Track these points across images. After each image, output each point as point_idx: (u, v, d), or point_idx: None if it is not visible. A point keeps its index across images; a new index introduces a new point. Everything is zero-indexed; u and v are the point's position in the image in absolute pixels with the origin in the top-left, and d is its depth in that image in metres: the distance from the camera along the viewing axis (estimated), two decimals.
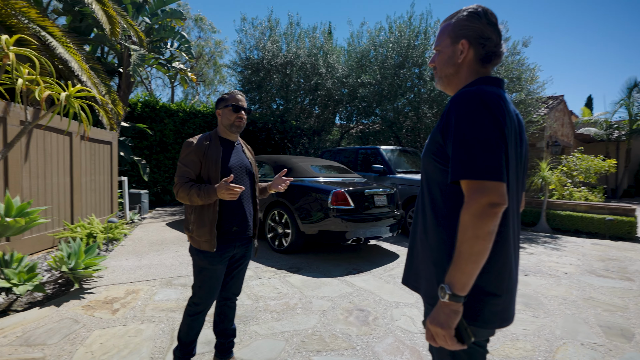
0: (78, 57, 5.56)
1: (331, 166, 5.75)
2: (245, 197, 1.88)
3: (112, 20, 5.52)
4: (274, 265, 4.20)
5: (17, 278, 2.91)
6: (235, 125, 1.85)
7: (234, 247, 1.84)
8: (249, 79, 10.83)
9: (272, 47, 10.34)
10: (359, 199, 4.49)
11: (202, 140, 1.80)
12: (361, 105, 10.45)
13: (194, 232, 1.75)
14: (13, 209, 3.15)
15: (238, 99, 1.86)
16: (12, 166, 4.05)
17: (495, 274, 0.94)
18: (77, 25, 7.34)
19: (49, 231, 4.66)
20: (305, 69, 10.45)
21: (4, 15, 4.59)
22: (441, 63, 1.11)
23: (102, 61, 8.23)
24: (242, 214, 1.85)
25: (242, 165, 1.89)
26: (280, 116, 11.04)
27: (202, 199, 1.65)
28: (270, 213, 4.98)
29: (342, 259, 4.60)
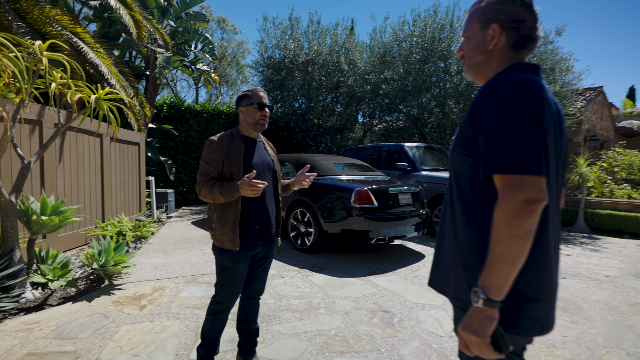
0: (107, 62, 5.78)
1: (354, 164, 5.69)
2: (268, 195, 1.87)
3: (138, 24, 5.71)
4: (296, 265, 4.20)
5: (52, 274, 3.05)
6: (260, 124, 1.84)
7: (256, 246, 1.84)
8: (271, 78, 10.92)
9: (294, 45, 10.37)
10: (382, 197, 4.42)
11: (224, 138, 1.80)
12: (384, 102, 10.30)
13: (216, 231, 1.76)
14: (48, 207, 3.31)
15: (261, 97, 1.85)
16: (48, 167, 4.26)
17: (534, 276, 0.87)
18: (107, 31, 7.65)
19: (82, 229, 4.88)
20: (326, 66, 10.41)
21: (39, 23, 4.84)
22: (470, 50, 1.04)
23: (130, 65, 8.55)
24: (265, 212, 1.84)
25: (265, 163, 1.88)
26: (302, 115, 11.07)
27: (225, 196, 1.66)
28: (292, 212, 4.99)
29: (366, 258, 4.53)
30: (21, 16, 4.79)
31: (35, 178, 4.10)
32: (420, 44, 9.13)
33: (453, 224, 1.00)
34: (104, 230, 4.94)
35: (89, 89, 3.37)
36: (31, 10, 4.88)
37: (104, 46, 6.16)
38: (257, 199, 1.81)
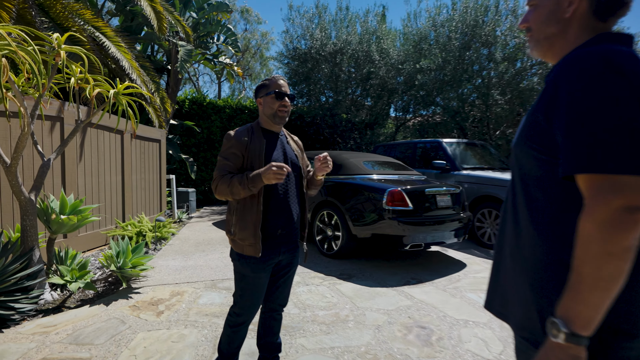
0: (128, 56, 5.96)
1: (386, 162, 5.53)
2: (292, 195, 1.78)
3: (159, 15, 5.84)
4: (322, 271, 4.11)
5: (70, 275, 3.14)
6: (279, 116, 1.76)
7: (279, 252, 1.76)
8: (297, 70, 10.92)
9: (321, 35, 10.30)
10: (418, 199, 4.24)
11: (244, 133, 1.74)
12: (419, 94, 10.02)
13: (236, 235, 1.70)
14: (67, 206, 3.41)
15: (280, 85, 1.77)
16: (69, 165, 4.43)
17: (632, 305, 0.72)
18: (129, 24, 7.91)
19: (102, 229, 5.05)
20: (356, 56, 10.26)
21: (62, 18, 5.04)
22: (539, 21, 0.91)
23: (152, 59, 8.80)
24: (289, 215, 1.76)
25: (287, 158, 1.81)
26: (329, 109, 10.99)
27: (245, 187, 1.58)
28: (319, 213, 4.91)
29: (399, 266, 4.37)
30: (44, 11, 5.02)
31: (56, 176, 4.26)
32: (460, 29, 8.78)
33: (516, 233, 0.86)
34: (124, 230, 5.08)
35: (108, 83, 3.43)
36: (54, 5, 5.10)
37: (126, 40, 6.36)
38: (280, 200, 1.73)
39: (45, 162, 3.16)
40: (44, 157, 3.20)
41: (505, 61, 8.22)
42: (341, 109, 10.83)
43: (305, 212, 1.87)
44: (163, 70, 8.84)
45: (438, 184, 4.61)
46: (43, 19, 4.85)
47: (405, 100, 10.92)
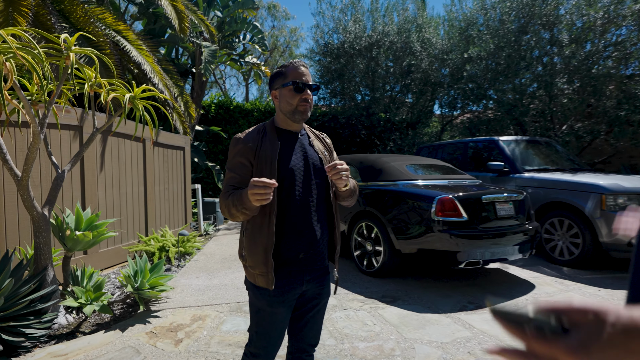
0: (150, 59, 6.07)
1: (433, 165, 5.19)
2: (315, 208, 1.54)
3: (180, 15, 5.91)
4: (362, 292, 3.85)
5: (85, 297, 3.11)
6: (299, 111, 1.52)
7: (301, 282, 1.52)
8: (329, 67, 10.80)
9: (355, 27, 10.13)
10: (474, 207, 3.89)
11: (253, 135, 1.52)
12: (468, 87, 9.54)
13: (247, 261, 1.50)
14: (83, 221, 3.41)
15: (300, 73, 1.52)
16: (88, 176, 4.50)
17: None
18: (152, 27, 8.15)
19: (124, 244, 5.09)
20: (394, 48, 9.98)
21: (82, 23, 5.21)
22: None
23: (176, 62, 9.01)
24: (311, 234, 1.51)
25: (309, 163, 1.55)
26: (365, 108, 10.75)
27: (238, 209, 1.37)
28: (356, 225, 4.67)
29: (453, 287, 4.02)
30: (65, 16, 5.20)
31: (75, 189, 4.33)
32: (515, 10, 8.25)
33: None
34: (146, 245, 5.10)
35: (125, 87, 3.42)
36: (75, 10, 5.28)
37: (148, 43, 6.50)
38: (299, 215, 1.49)
39: (59, 174, 3.16)
40: (58, 168, 3.21)
41: (572, 43, 7.59)
42: (379, 108, 10.55)
43: (334, 229, 1.62)
44: (188, 73, 9.02)
45: (497, 190, 4.23)
46: (63, 25, 5.03)
47: (452, 95, 10.46)
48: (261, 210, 1.45)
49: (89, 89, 3.15)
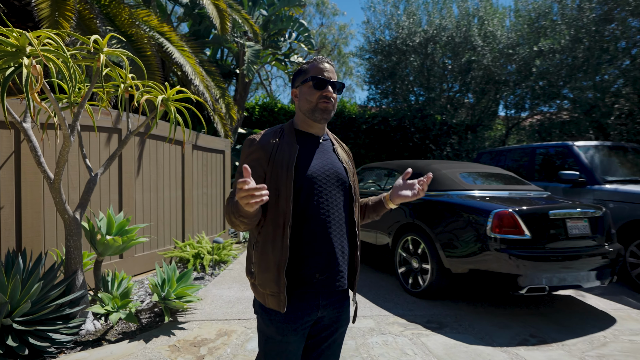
0: (192, 61, 6.28)
1: (493, 174, 4.85)
2: (336, 223, 1.43)
3: (222, 14, 6.07)
4: (405, 315, 3.64)
5: (111, 304, 3.20)
6: (320, 109, 1.43)
7: (317, 307, 1.41)
8: (380, 66, 10.62)
9: (408, 22, 9.89)
10: (539, 223, 3.55)
11: (269, 136, 1.44)
12: (538, 84, 8.91)
13: (256, 278, 1.41)
14: (114, 226, 3.53)
15: (322, 69, 1.44)
16: (126, 179, 4.70)
17: None
18: (197, 28, 8.48)
19: (160, 249, 5.26)
20: (452, 44, 9.58)
21: (126, 25, 5.50)
22: None
23: (220, 63, 9.29)
24: (330, 252, 1.40)
25: (331, 173, 1.46)
26: (419, 110, 10.43)
27: (236, 217, 1.27)
28: (402, 239, 4.46)
29: (513, 316, 3.68)
30: (110, 19, 5.52)
31: (113, 192, 4.54)
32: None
33: None
34: (182, 251, 5.23)
35: (159, 89, 3.51)
36: (120, 13, 5.59)
37: (191, 45, 6.75)
38: (318, 230, 1.39)
39: (92, 177, 3.30)
40: (91, 171, 3.35)
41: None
42: (434, 109, 10.18)
43: (356, 248, 1.51)
44: (231, 74, 9.27)
45: (569, 204, 3.84)
46: (108, 28, 5.34)
47: (519, 94, 9.84)
48: (274, 221, 1.36)
49: (122, 90, 3.27)
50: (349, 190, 1.50)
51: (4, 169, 3.43)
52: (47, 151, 3.72)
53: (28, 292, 2.76)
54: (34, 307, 2.79)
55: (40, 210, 3.71)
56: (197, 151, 6.18)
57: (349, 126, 11.03)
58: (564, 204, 3.84)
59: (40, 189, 3.67)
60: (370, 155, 11.27)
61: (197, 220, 6.20)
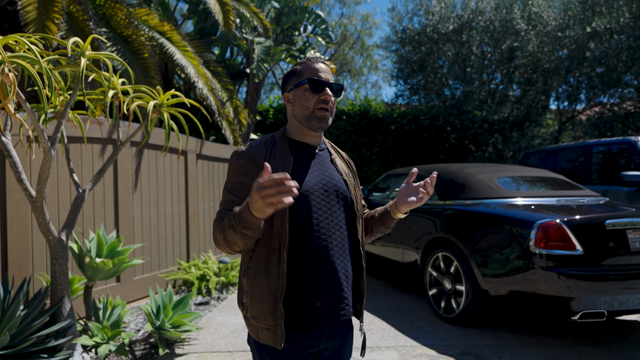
0: (195, 62, 6.38)
1: (538, 178, 4.67)
2: (338, 243, 1.39)
3: (224, 7, 6.14)
4: (435, 345, 3.50)
5: (101, 334, 3.22)
6: (317, 117, 1.39)
7: (319, 338, 1.36)
8: (408, 58, 10.51)
9: (439, 7, 9.76)
10: (594, 236, 3.37)
11: (259, 148, 1.41)
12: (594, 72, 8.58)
13: (249, 310, 1.36)
14: (104, 247, 3.57)
15: (317, 69, 1.41)
16: (122, 194, 4.77)
17: None
18: (202, 26, 8.66)
19: (162, 271, 5.31)
20: (491, 29, 9.36)
21: (122, 27, 5.65)
22: None
23: (228, 63, 9.42)
24: (332, 277, 1.36)
25: (330, 187, 1.42)
26: (455, 106, 10.22)
27: (237, 232, 1.19)
28: (431, 256, 4.33)
29: (564, 346, 3.49)
30: (105, 20, 5.69)
31: (108, 209, 4.61)
32: None
33: None
34: (186, 272, 5.27)
35: (152, 94, 3.55)
36: (116, 14, 5.75)
37: (195, 44, 6.87)
38: (318, 252, 1.35)
39: (79, 194, 3.35)
40: (79, 187, 3.40)
41: None
42: (472, 104, 9.96)
43: (361, 272, 1.47)
44: (241, 75, 9.38)
45: (631, 211, 3.63)
46: (103, 30, 5.49)
47: (572, 84, 9.49)
48: (268, 244, 1.32)
49: (109, 98, 3.31)
50: (351, 205, 1.47)
51: None
52: (34, 166, 3.82)
53: (8, 322, 2.80)
54: (15, 339, 2.83)
55: (28, 231, 3.79)
56: (202, 161, 6.24)
57: (376, 127, 10.93)
58: (624, 211, 3.63)
59: (27, 208, 3.76)
60: (400, 160, 11.12)
61: (203, 238, 6.23)
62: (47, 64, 2.61)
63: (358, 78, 19.96)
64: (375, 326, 4.00)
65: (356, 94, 13.59)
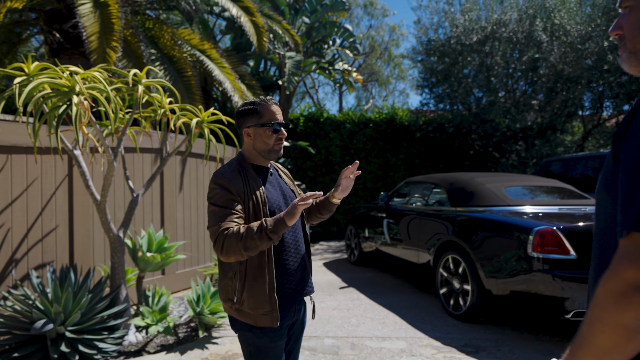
0: (232, 77, 6.91)
1: (546, 188, 4.88)
2: (300, 240, 1.86)
3: (258, 30, 6.64)
4: (441, 338, 3.82)
5: (150, 317, 3.73)
6: (275, 151, 1.78)
7: (294, 312, 1.84)
8: (433, 68, 10.73)
9: (463, 19, 9.95)
10: (586, 241, 3.59)
11: (235, 174, 1.72)
12: (620, 79, 8.56)
13: (244, 304, 1.70)
14: (153, 243, 4.09)
15: (274, 112, 1.76)
16: (167, 197, 5.32)
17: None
18: (239, 41, 9.22)
19: (200, 266, 5.83)
20: (514, 40, 9.49)
21: (168, 47, 6.24)
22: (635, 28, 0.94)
23: (261, 76, 9.95)
24: (301, 267, 1.83)
25: (287, 198, 1.86)
26: (479, 114, 10.36)
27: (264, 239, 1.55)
28: (442, 258, 4.63)
29: (561, 344, 3.73)
30: (153, 42, 6.29)
31: (155, 210, 5.17)
32: None
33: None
34: None
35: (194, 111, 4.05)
36: (162, 35, 6.35)
37: (231, 60, 7.40)
38: (290, 249, 1.79)
39: (134, 197, 3.89)
40: (133, 192, 3.94)
41: None
42: (496, 113, 10.08)
43: (309, 256, 1.95)
44: (274, 86, 9.88)
45: None
46: (151, 51, 6.09)
47: (597, 92, 9.47)
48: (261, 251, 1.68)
49: (160, 115, 3.83)
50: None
51: (59, 191, 4.13)
52: (95, 173, 4.40)
53: (78, 303, 3.34)
54: (83, 317, 3.37)
55: (90, 229, 4.38)
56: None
57: (402, 134, 11.19)
58: None
59: (89, 209, 4.35)
60: (426, 166, 11.33)
61: None
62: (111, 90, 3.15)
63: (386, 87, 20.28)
64: (389, 320, 4.35)
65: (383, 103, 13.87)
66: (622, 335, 0.73)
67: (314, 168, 10.78)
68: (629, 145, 0.80)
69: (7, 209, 3.77)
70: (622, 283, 0.73)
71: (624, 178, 0.79)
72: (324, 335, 3.93)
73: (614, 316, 0.74)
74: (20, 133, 3.78)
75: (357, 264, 7.16)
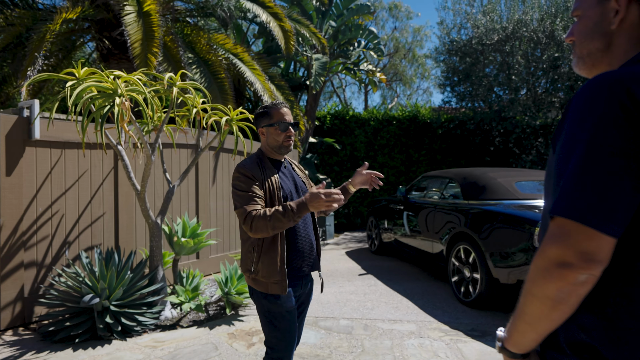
0: (262, 78, 7.08)
1: None
2: (308, 223, 2.05)
3: (286, 34, 6.78)
4: (449, 322, 3.87)
5: (184, 296, 3.95)
6: (285, 146, 1.98)
7: (301, 286, 2.03)
8: (455, 68, 10.59)
9: (485, 19, 9.76)
10: None
11: (255, 165, 1.93)
12: None
13: (258, 273, 1.90)
14: (187, 230, 4.31)
15: (283, 114, 1.97)
16: (202, 189, 5.56)
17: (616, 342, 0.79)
18: (270, 45, 9.38)
19: (231, 252, 6.06)
20: (535, 40, 9.24)
21: (204, 51, 6.46)
22: (582, 34, 0.98)
23: (290, 77, 10.09)
24: (309, 246, 2.03)
25: (299, 187, 2.07)
26: (500, 111, 10.16)
27: (290, 220, 1.75)
28: (454, 248, 4.65)
29: None
30: (191, 47, 6.53)
31: (191, 200, 5.41)
32: None
33: None
34: None
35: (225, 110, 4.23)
36: (199, 40, 6.58)
37: (262, 62, 7.58)
38: (300, 230, 1.99)
39: (170, 188, 4.11)
40: (170, 183, 4.17)
41: None
42: (516, 110, 9.86)
43: (318, 239, 2.13)
44: (301, 87, 10.01)
45: None
46: (189, 55, 6.33)
47: None
48: None
49: (192, 114, 4.03)
50: None
51: (106, 182, 4.41)
52: (137, 166, 4.66)
53: (121, 281, 3.59)
54: (125, 293, 3.62)
55: (133, 216, 4.65)
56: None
57: (424, 131, 11.13)
58: None
59: (132, 198, 4.61)
60: (447, 161, 11.23)
61: None
62: (149, 92, 3.35)
63: (410, 85, 20.10)
64: (402, 305, 4.43)
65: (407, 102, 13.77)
66: (548, 305, 0.80)
67: (340, 163, 10.88)
68: (561, 137, 0.85)
69: (62, 197, 4.06)
70: (546, 260, 0.78)
71: (556, 167, 0.84)
72: (340, 316, 4.05)
73: (541, 289, 0.80)
74: (72, 130, 4.06)
75: (377, 253, 7.23)
